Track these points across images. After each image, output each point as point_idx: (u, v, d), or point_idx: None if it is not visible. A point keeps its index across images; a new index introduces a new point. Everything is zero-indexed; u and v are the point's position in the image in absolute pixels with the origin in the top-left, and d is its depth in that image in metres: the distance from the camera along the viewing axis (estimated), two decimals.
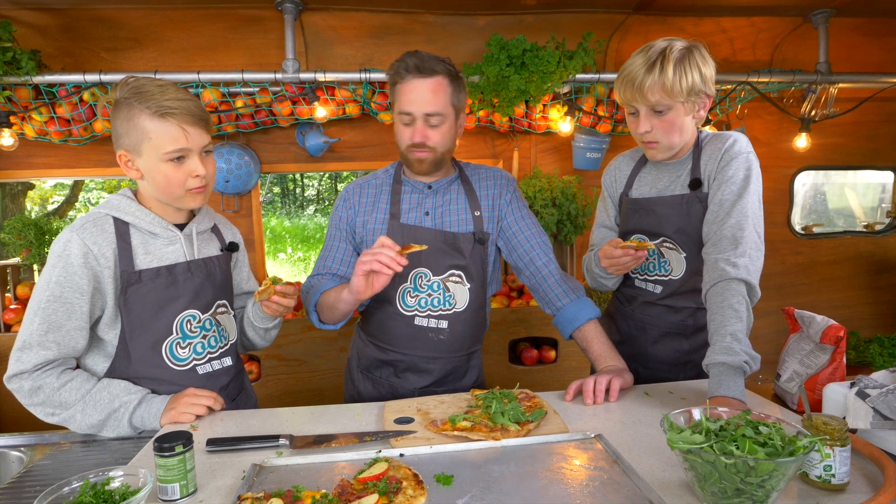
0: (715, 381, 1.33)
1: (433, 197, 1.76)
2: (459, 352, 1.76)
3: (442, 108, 1.61)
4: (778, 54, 3.27)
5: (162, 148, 1.39)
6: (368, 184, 1.83)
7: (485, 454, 1.21)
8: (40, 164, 2.90)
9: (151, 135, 1.38)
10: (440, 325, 1.72)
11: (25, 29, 2.63)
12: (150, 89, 1.38)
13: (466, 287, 1.72)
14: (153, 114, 1.37)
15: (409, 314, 1.72)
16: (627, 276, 1.81)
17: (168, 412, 1.42)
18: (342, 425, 1.39)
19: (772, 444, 0.95)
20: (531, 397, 1.47)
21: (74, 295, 1.36)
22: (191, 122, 1.40)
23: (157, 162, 1.40)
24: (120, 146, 1.43)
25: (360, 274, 1.48)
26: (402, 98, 1.61)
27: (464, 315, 1.73)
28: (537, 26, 2.93)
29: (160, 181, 1.42)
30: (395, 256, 1.43)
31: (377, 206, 1.77)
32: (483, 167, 1.86)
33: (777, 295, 3.56)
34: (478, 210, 1.76)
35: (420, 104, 1.59)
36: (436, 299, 1.71)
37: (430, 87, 1.59)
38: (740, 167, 1.52)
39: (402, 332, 1.74)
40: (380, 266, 1.44)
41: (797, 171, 3.54)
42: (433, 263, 1.70)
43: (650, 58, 1.48)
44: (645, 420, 1.36)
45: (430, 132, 1.63)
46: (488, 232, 1.76)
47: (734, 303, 1.37)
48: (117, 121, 1.41)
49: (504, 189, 1.80)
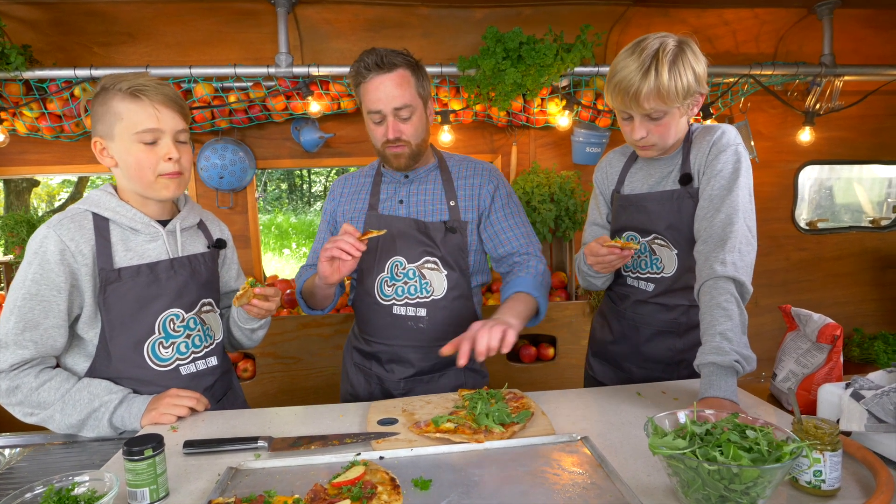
0: (706, 381, 1.29)
1: (408, 186, 1.78)
2: (441, 341, 1.71)
3: (409, 100, 1.62)
4: (782, 46, 3.20)
5: (133, 128, 1.37)
6: (353, 177, 1.89)
7: (467, 457, 1.17)
8: (33, 160, 2.88)
9: (123, 115, 1.37)
10: (418, 314, 1.72)
11: (16, 24, 2.60)
12: (126, 77, 1.38)
13: (443, 274, 1.72)
14: (125, 94, 1.37)
15: (387, 304, 1.74)
16: (619, 273, 1.77)
17: (149, 413, 1.40)
18: (325, 426, 1.37)
19: (757, 449, 0.91)
20: (519, 397, 1.43)
21: (51, 292, 1.34)
22: (163, 103, 1.39)
23: (128, 143, 1.39)
24: (95, 134, 1.42)
25: (323, 260, 1.56)
26: (368, 97, 1.62)
27: (442, 303, 1.72)
28: (535, 19, 2.88)
29: (132, 164, 1.40)
30: (353, 242, 1.50)
31: (358, 198, 1.82)
32: (469, 159, 1.86)
33: (781, 291, 3.50)
34: (453, 200, 1.75)
35: (387, 100, 1.60)
36: (412, 287, 1.72)
37: (394, 82, 1.60)
38: (728, 160, 1.48)
39: (382, 322, 1.75)
40: (338, 252, 1.50)
41: (801, 166, 3.48)
42: (407, 251, 1.71)
43: (644, 63, 1.42)
44: (634, 421, 1.32)
45: (403, 126, 1.64)
46: (466, 221, 1.75)
47: (722, 301, 1.33)
48: (93, 109, 1.41)
49: (486, 181, 1.78)
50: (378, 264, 1.73)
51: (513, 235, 1.77)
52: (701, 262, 1.43)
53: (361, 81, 1.62)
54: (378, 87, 1.60)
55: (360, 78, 1.62)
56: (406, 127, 1.65)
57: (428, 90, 1.70)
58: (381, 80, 1.59)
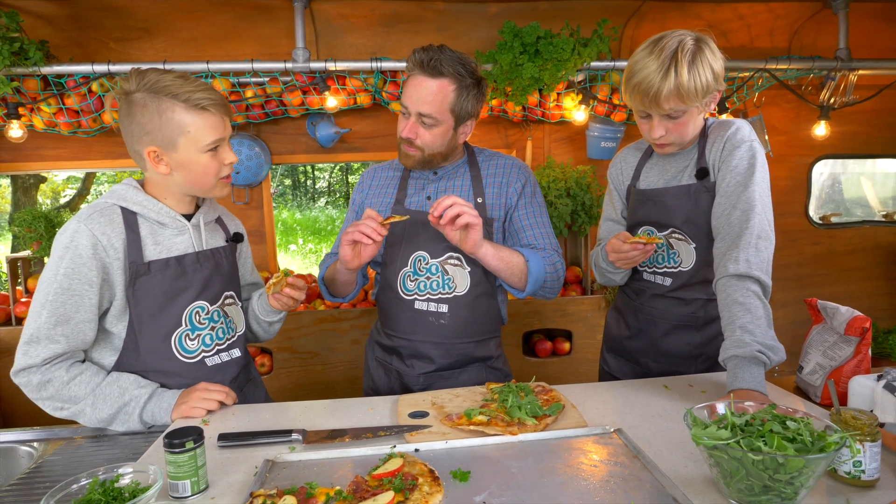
0: (731, 374, 1.30)
1: (437, 182, 1.77)
2: (463, 338, 1.74)
3: (436, 112, 1.59)
4: (796, 41, 3.19)
5: (202, 140, 1.40)
6: (383, 169, 1.89)
7: (502, 449, 1.18)
8: (50, 156, 2.89)
9: (189, 128, 1.38)
10: (440, 309, 1.71)
11: (34, 19, 2.61)
12: (171, 82, 1.36)
13: (466, 270, 1.70)
14: (190, 107, 1.37)
15: (409, 298, 1.72)
16: (635, 269, 1.77)
17: (179, 406, 1.41)
18: (356, 419, 1.37)
19: (801, 439, 0.91)
20: (548, 390, 1.44)
21: (83, 287, 1.35)
22: (225, 112, 1.44)
23: (195, 154, 1.41)
24: (149, 142, 1.38)
25: (345, 243, 1.56)
26: (404, 90, 1.63)
27: (465, 299, 1.71)
28: (551, 13, 2.87)
29: (198, 172, 1.43)
30: (375, 227, 1.50)
31: (385, 192, 1.82)
32: (499, 155, 1.83)
33: (795, 286, 3.50)
34: (480, 197, 1.74)
35: (416, 102, 1.59)
36: (435, 282, 1.70)
37: (432, 89, 1.58)
38: (744, 156, 1.48)
39: (404, 317, 1.74)
40: (360, 235, 1.51)
41: (815, 160, 3.47)
42: (430, 246, 1.70)
43: (663, 63, 1.40)
44: (665, 414, 1.33)
45: (422, 130, 1.63)
46: (492, 218, 1.73)
47: (738, 297, 1.34)
48: (142, 117, 1.36)
49: (515, 178, 1.77)
50: (401, 258, 1.72)
51: (533, 234, 1.75)
52: (717, 259, 1.44)
53: (407, 72, 1.63)
54: (415, 86, 1.59)
55: (408, 68, 1.63)
56: (424, 133, 1.63)
57: (470, 110, 1.65)
58: (421, 80, 1.58)
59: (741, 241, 1.39)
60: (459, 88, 1.59)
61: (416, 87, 1.59)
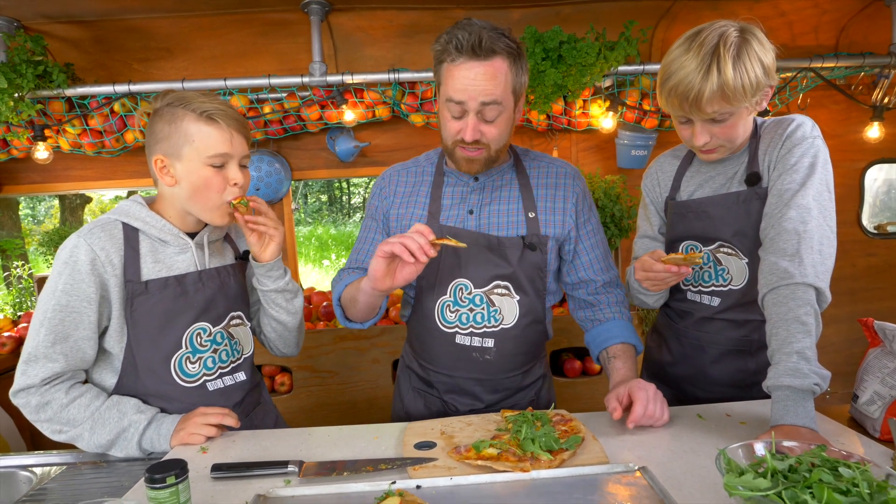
0: (780, 406, 1.14)
1: (480, 193, 1.51)
2: (509, 372, 1.55)
3: (501, 97, 1.32)
4: (844, 37, 2.99)
5: (205, 151, 1.35)
6: (408, 170, 1.60)
7: (511, 487, 1.07)
8: (76, 176, 2.94)
9: (195, 137, 1.34)
10: (485, 344, 1.49)
11: (60, 43, 2.66)
12: (193, 96, 1.36)
13: (515, 300, 1.48)
14: (199, 116, 1.34)
15: (449, 331, 1.50)
16: (677, 288, 1.59)
17: (178, 433, 1.34)
18: (359, 449, 1.28)
19: (856, 492, 0.77)
20: (567, 420, 1.31)
21: (82, 303, 1.30)
22: (236, 129, 1.38)
23: (197, 165, 1.36)
24: (157, 151, 1.37)
25: (380, 255, 1.26)
26: (451, 83, 1.31)
27: (514, 331, 1.49)
28: (575, 18, 2.76)
29: (199, 185, 1.37)
30: (424, 243, 1.21)
31: (415, 200, 1.54)
32: (546, 158, 1.59)
33: (849, 301, 3.25)
34: (533, 211, 1.49)
35: (475, 93, 1.30)
36: (479, 315, 1.48)
37: (488, 73, 1.29)
38: (805, 153, 1.31)
39: (442, 351, 1.52)
40: (401, 249, 1.21)
41: (868, 165, 3.24)
42: (474, 273, 1.46)
43: (703, 60, 1.23)
44: (698, 449, 1.19)
45: (486, 127, 1.35)
46: (546, 236, 1.49)
47: (801, 314, 1.17)
48: (157, 126, 1.37)
49: (570, 190, 1.53)
50: (439, 285, 1.49)
51: (589, 260, 1.55)
52: (768, 265, 1.26)
53: (445, 60, 1.31)
54: (466, 76, 1.29)
55: (445, 56, 1.31)
56: (489, 129, 1.36)
57: (524, 82, 1.39)
58: (471, 66, 1.28)
59: (802, 245, 1.22)
60: (513, 62, 1.33)
61: (469, 75, 1.29)
